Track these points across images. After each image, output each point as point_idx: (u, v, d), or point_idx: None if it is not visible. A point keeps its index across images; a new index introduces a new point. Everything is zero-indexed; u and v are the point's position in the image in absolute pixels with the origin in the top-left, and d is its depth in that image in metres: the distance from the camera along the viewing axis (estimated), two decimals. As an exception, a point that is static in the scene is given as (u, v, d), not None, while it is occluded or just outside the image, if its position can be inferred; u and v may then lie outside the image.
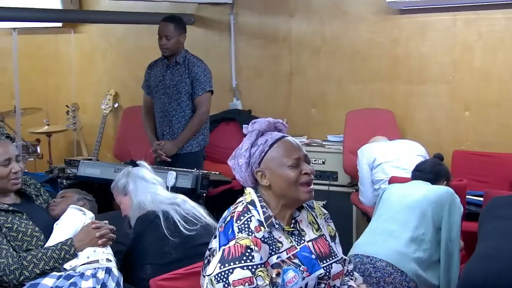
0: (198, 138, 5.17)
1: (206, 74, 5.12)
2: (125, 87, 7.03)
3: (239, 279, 2.30)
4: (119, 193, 3.49)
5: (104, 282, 2.99)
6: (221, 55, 6.44)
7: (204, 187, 4.55)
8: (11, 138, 3.44)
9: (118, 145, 6.81)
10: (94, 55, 7.37)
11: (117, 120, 7.12)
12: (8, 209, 3.14)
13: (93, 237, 3.11)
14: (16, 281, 2.99)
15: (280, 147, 2.48)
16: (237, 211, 2.47)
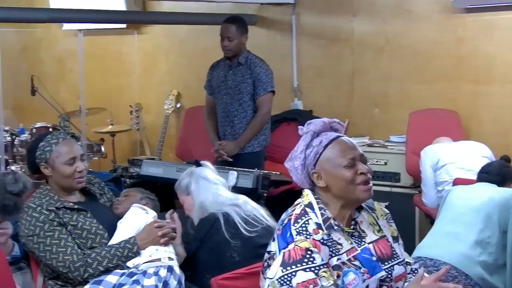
0: (260, 138, 5.17)
1: (268, 74, 5.12)
2: (187, 88, 7.09)
3: (303, 281, 2.28)
4: (182, 193, 3.51)
5: (166, 280, 3.01)
6: (283, 55, 6.42)
7: (265, 187, 4.54)
8: (76, 137, 3.50)
9: (180, 145, 6.87)
10: (157, 56, 7.45)
11: (179, 120, 7.18)
12: (73, 207, 3.19)
13: (156, 236, 3.14)
14: (81, 278, 3.05)
15: (335, 148, 2.45)
16: (295, 213, 2.45)
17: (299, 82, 6.41)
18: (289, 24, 6.39)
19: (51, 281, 3.18)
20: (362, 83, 6.04)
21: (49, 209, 3.12)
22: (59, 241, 3.07)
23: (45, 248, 3.07)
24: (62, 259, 3.05)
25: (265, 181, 4.54)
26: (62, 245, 3.06)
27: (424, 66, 5.71)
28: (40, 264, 3.20)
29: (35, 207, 3.13)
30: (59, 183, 3.23)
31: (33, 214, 3.11)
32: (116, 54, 7.71)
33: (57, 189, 3.24)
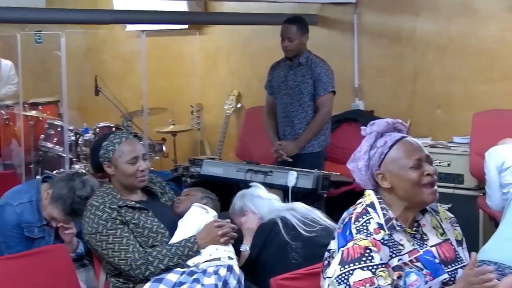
0: (320, 139, 5.14)
1: (328, 74, 5.08)
2: (248, 88, 7.10)
3: (359, 280, 2.26)
4: (237, 216, 3.47)
5: (225, 280, 3.03)
6: (344, 55, 6.37)
7: (325, 187, 4.52)
8: (139, 137, 3.55)
9: (240, 144, 6.89)
10: (219, 56, 7.49)
11: (239, 120, 7.21)
12: (135, 206, 3.24)
13: (216, 235, 3.15)
14: (142, 276, 3.09)
15: (400, 148, 2.42)
16: (356, 212, 2.43)
17: (360, 82, 6.35)
18: (351, 24, 6.34)
19: (113, 278, 3.23)
20: (425, 83, 5.95)
21: (111, 208, 3.17)
22: (121, 239, 3.11)
23: (107, 245, 3.12)
24: (124, 256, 3.09)
25: (325, 181, 4.51)
26: (124, 243, 3.11)
27: (489, 65, 5.58)
28: (102, 262, 3.25)
29: (98, 205, 3.18)
30: (122, 182, 3.28)
31: (96, 212, 3.16)
32: (177, 55, 7.79)
33: (120, 188, 3.29)
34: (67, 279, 3.25)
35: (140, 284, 3.11)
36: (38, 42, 6.55)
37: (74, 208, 3.39)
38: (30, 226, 3.50)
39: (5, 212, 3.49)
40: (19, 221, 3.47)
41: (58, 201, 3.42)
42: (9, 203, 3.50)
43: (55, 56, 6.42)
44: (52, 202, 3.44)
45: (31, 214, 3.50)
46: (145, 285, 3.05)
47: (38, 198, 3.51)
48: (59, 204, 3.42)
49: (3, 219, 3.48)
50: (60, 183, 3.47)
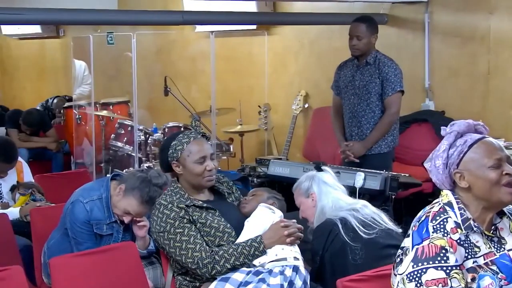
0: (387, 139, 5.07)
1: (396, 74, 5.00)
2: (316, 88, 7.08)
3: (432, 279, 2.23)
4: (301, 195, 3.50)
5: (291, 280, 3.02)
6: (414, 55, 6.27)
7: (393, 189, 4.45)
8: (207, 137, 3.57)
9: (307, 145, 6.87)
10: (287, 56, 7.49)
11: (307, 121, 7.19)
12: (202, 205, 3.26)
13: (282, 235, 3.14)
14: (208, 275, 3.10)
15: (480, 148, 2.39)
16: (433, 211, 2.40)
17: (431, 82, 6.23)
18: (422, 23, 6.23)
19: (180, 277, 3.26)
20: (499, 83, 5.79)
21: (179, 207, 3.20)
22: (189, 238, 3.14)
23: (175, 244, 3.15)
24: (191, 255, 3.11)
25: (393, 183, 4.45)
26: (192, 242, 3.13)
27: None
28: (170, 260, 3.29)
29: (166, 204, 3.21)
30: (190, 181, 3.31)
31: (164, 211, 3.20)
32: (246, 55, 7.82)
33: (187, 187, 3.32)
34: (135, 276, 3.30)
35: (207, 283, 3.13)
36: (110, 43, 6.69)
37: (151, 196, 3.44)
38: (99, 223, 3.57)
39: (75, 209, 3.57)
40: (88, 218, 3.55)
41: (134, 190, 3.48)
42: (79, 200, 3.58)
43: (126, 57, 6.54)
44: (127, 194, 3.50)
45: (100, 211, 3.57)
46: (211, 284, 3.07)
47: (108, 195, 3.58)
48: (135, 193, 3.47)
49: (73, 215, 3.57)
50: (133, 177, 3.54)
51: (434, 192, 2.54)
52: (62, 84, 9.90)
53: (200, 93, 7.65)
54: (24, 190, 4.62)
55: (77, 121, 7.34)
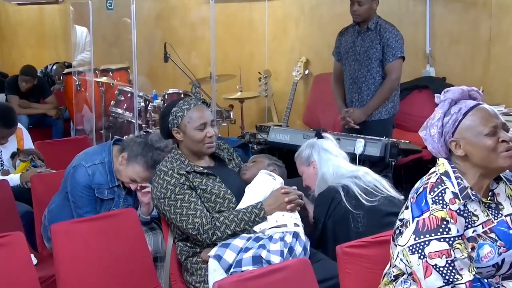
0: (388, 106, 5.06)
1: (397, 40, 4.97)
2: (317, 55, 7.04)
3: (436, 251, 2.24)
4: (302, 163, 3.51)
5: (291, 246, 3.03)
6: (415, 21, 6.23)
7: (393, 156, 4.45)
8: (207, 103, 3.56)
9: (308, 112, 6.85)
10: (287, 23, 7.43)
11: (307, 87, 7.16)
12: (203, 171, 3.26)
13: (282, 202, 3.15)
14: (209, 241, 3.12)
15: (476, 115, 2.37)
16: (431, 182, 2.39)
17: (432, 48, 6.19)
18: (423, -12, 6.18)
19: (181, 243, 3.28)
20: (501, 49, 5.76)
21: (180, 173, 3.20)
22: (189, 204, 3.15)
23: (175, 210, 3.16)
24: (192, 221, 3.12)
25: (393, 149, 4.45)
26: (192, 208, 3.14)
27: None
28: (171, 226, 3.30)
29: (167, 170, 3.22)
30: (190, 147, 3.31)
31: (165, 177, 3.20)
32: (246, 22, 7.77)
33: (188, 153, 3.32)
34: (136, 242, 3.32)
35: (207, 249, 3.15)
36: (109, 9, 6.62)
37: (155, 160, 3.46)
38: (100, 187, 3.58)
39: (76, 173, 3.58)
40: (90, 182, 3.56)
41: (138, 157, 3.50)
42: (81, 164, 3.59)
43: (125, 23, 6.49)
44: (131, 161, 3.51)
45: (102, 175, 3.58)
46: (212, 250, 3.08)
47: (110, 159, 3.59)
48: (139, 160, 3.49)
49: (74, 179, 3.58)
50: (134, 144, 3.54)
51: (434, 159, 2.51)
52: (62, 50, 9.85)
53: (200, 59, 7.61)
54: (24, 156, 4.62)
55: (76, 87, 7.30)
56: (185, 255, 3.27)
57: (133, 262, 3.27)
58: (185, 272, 3.31)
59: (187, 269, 3.28)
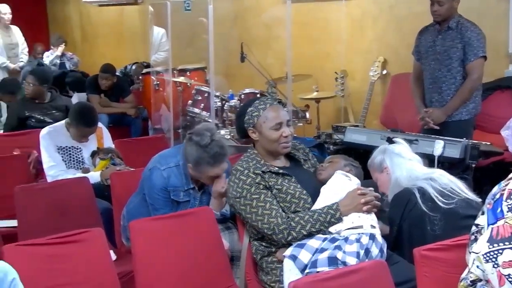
0: (469, 106, 4.93)
1: (479, 39, 4.85)
2: (394, 54, 6.94)
3: (509, 260, 2.17)
4: (375, 170, 3.47)
5: (367, 248, 2.99)
6: (498, 19, 6.05)
7: (474, 157, 4.34)
8: (283, 103, 3.56)
9: (385, 112, 6.77)
10: (364, 22, 7.36)
11: (385, 87, 7.07)
12: (278, 171, 3.26)
13: (358, 203, 3.12)
14: (284, 241, 3.11)
15: None
16: (508, 189, 2.31)
17: (515, 47, 6.02)
18: (506, -15, 6.00)
19: (256, 242, 3.29)
20: None
21: (255, 173, 3.21)
22: (265, 203, 3.15)
23: (251, 210, 3.17)
24: (267, 221, 3.13)
25: (474, 151, 4.33)
26: (268, 208, 3.14)
27: None
28: (246, 225, 3.31)
29: (243, 170, 3.23)
30: (266, 147, 3.31)
31: (241, 176, 3.22)
32: (323, 21, 7.73)
33: (264, 153, 3.32)
34: (211, 241, 3.34)
35: (282, 249, 3.14)
36: (187, 10, 6.71)
37: (216, 152, 3.47)
38: (176, 190, 3.62)
39: (153, 175, 3.63)
40: (165, 184, 3.60)
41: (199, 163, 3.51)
42: (157, 167, 3.64)
43: (203, 24, 6.55)
44: (198, 168, 3.53)
45: (177, 178, 3.62)
46: (287, 250, 3.08)
47: (185, 162, 3.62)
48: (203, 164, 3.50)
49: (151, 182, 3.63)
50: (188, 151, 3.54)
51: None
52: (140, 50, 10.04)
53: (276, 59, 7.61)
54: (104, 155, 4.72)
55: (155, 87, 7.43)
56: (260, 255, 3.28)
57: (209, 260, 3.30)
58: (260, 272, 3.31)
59: (262, 268, 3.28)
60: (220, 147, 3.50)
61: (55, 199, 4.08)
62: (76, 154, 4.76)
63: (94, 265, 3.04)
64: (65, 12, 12.06)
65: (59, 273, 2.95)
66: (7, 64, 8.78)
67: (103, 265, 3.08)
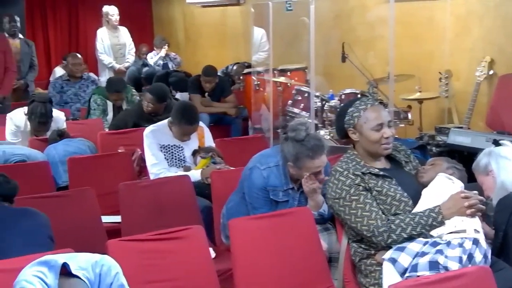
0: None
1: None
2: (502, 54, 6.70)
3: None
4: (480, 173, 3.36)
5: (471, 253, 2.91)
6: None
7: None
8: (384, 104, 3.52)
9: (491, 114, 6.54)
10: (470, 20, 7.15)
11: (491, 88, 6.84)
12: (379, 173, 3.22)
13: (462, 207, 3.03)
14: (384, 243, 3.07)
15: None
16: None
17: None
18: None
19: (355, 244, 3.25)
20: None
21: (355, 174, 3.18)
22: (364, 205, 3.12)
23: (350, 211, 3.15)
24: (367, 223, 3.09)
25: None
26: (367, 210, 3.11)
27: None
28: (345, 227, 3.29)
29: (342, 171, 3.21)
30: (366, 148, 3.27)
31: (340, 177, 3.20)
32: (426, 20, 7.56)
33: (364, 154, 3.29)
34: (310, 241, 3.34)
35: (382, 251, 3.10)
36: (288, 10, 6.72)
37: (314, 145, 3.45)
38: (275, 190, 3.63)
39: (253, 175, 3.65)
40: (265, 184, 3.62)
41: (299, 157, 3.51)
42: (257, 166, 3.66)
43: (303, 23, 6.55)
44: (299, 164, 3.53)
45: (277, 178, 3.63)
46: (386, 253, 3.03)
47: (284, 162, 3.62)
48: (303, 158, 3.50)
49: (251, 181, 3.66)
50: (287, 149, 3.54)
51: None
52: (242, 50, 10.14)
53: (378, 59, 7.51)
54: (205, 153, 4.80)
55: (255, 87, 7.49)
56: (359, 257, 3.24)
57: (307, 260, 3.29)
58: (359, 274, 3.28)
59: (361, 270, 3.25)
60: (317, 139, 3.50)
61: (157, 196, 4.18)
62: (178, 153, 4.85)
63: (193, 262, 3.09)
64: (170, 13, 12.36)
65: (160, 268, 3.02)
66: (113, 64, 9.07)
67: (203, 262, 3.13)
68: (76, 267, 2.41)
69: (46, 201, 3.81)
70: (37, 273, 2.35)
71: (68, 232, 3.65)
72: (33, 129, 5.60)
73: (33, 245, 2.99)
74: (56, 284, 2.34)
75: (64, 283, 2.37)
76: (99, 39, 9.11)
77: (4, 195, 3.29)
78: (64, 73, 8.24)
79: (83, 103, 7.53)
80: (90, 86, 7.77)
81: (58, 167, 4.89)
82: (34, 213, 3.25)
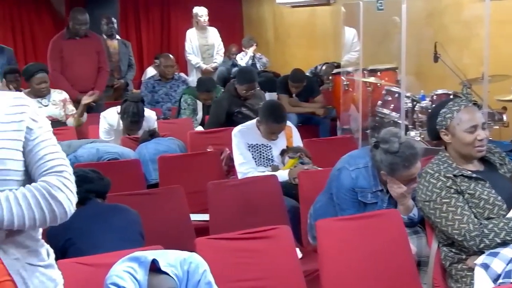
0: None
1: None
2: None
3: None
4: None
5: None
6: None
7: None
8: (478, 105, 3.43)
9: None
10: None
11: None
12: (471, 176, 3.14)
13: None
14: (476, 248, 2.99)
15: None
16: None
17: None
18: None
19: (446, 248, 3.19)
20: None
21: (446, 176, 3.12)
22: (456, 208, 3.05)
23: (441, 214, 3.08)
24: (458, 226, 3.02)
25: None
26: (459, 213, 3.04)
27: None
28: (435, 230, 3.22)
29: (433, 173, 3.14)
30: (458, 150, 3.20)
31: (431, 180, 3.14)
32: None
33: (456, 156, 3.21)
34: (399, 244, 3.28)
35: (473, 256, 3.02)
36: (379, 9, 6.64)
37: (408, 155, 3.37)
38: (363, 191, 3.58)
39: (341, 175, 3.62)
40: (353, 185, 3.57)
41: (394, 168, 3.42)
42: (345, 167, 3.62)
43: (394, 23, 6.45)
44: (394, 174, 3.44)
45: (365, 179, 3.58)
46: (479, 258, 2.95)
47: (373, 164, 3.57)
48: (399, 169, 3.40)
49: (339, 182, 3.62)
50: (380, 157, 3.47)
51: None
52: (331, 50, 10.08)
53: (472, 59, 7.31)
54: (293, 153, 4.79)
55: (344, 87, 7.43)
56: (449, 261, 3.17)
57: (396, 263, 3.23)
58: (449, 279, 3.20)
59: (452, 275, 3.17)
60: (410, 147, 3.40)
61: (245, 196, 4.20)
62: (266, 152, 4.87)
63: (280, 262, 3.09)
64: (259, 13, 12.44)
65: (246, 267, 3.03)
66: (200, 64, 9.19)
67: (289, 263, 3.12)
68: (165, 263, 2.45)
69: (137, 199, 3.90)
70: (127, 269, 2.40)
71: (158, 229, 3.72)
72: (126, 127, 5.73)
73: (124, 241, 3.07)
74: (145, 280, 2.39)
75: (153, 279, 2.41)
76: (188, 40, 9.26)
77: (97, 191, 3.39)
78: (156, 73, 8.41)
79: (173, 103, 7.66)
80: (181, 86, 7.90)
81: (149, 165, 5.00)
82: (126, 210, 3.33)
